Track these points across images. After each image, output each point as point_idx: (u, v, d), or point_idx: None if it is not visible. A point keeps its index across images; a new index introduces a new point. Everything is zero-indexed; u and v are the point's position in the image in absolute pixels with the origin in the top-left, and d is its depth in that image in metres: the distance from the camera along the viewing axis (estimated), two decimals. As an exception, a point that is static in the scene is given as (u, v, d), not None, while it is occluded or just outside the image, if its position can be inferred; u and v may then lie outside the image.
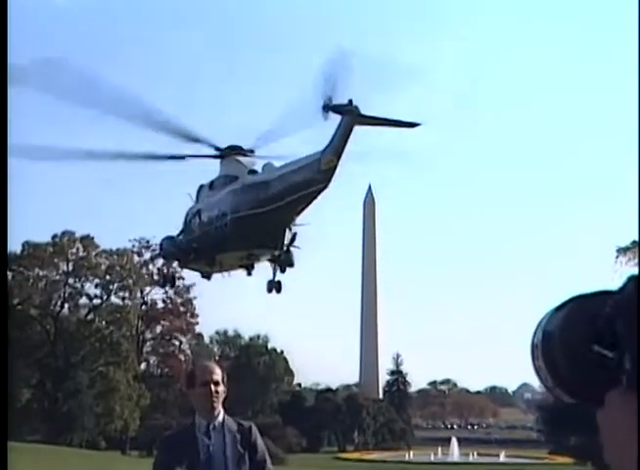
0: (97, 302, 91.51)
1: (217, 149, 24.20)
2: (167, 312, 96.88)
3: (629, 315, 1.92)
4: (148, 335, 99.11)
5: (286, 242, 22.65)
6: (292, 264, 23.46)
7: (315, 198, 21.18)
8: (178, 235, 24.89)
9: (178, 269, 27.22)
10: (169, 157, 24.02)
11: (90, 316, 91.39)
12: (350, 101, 19.96)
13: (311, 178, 20.78)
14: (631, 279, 1.99)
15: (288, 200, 21.39)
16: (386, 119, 20.84)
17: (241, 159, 24.11)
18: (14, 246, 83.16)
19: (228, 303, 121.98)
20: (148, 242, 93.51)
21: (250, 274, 24.35)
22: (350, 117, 20.05)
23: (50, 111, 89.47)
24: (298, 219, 22.72)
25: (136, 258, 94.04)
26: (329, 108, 19.94)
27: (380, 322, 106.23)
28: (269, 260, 23.69)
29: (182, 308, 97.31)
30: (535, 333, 2.09)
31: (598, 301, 2.00)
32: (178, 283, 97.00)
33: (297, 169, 21.47)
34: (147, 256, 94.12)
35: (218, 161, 24.58)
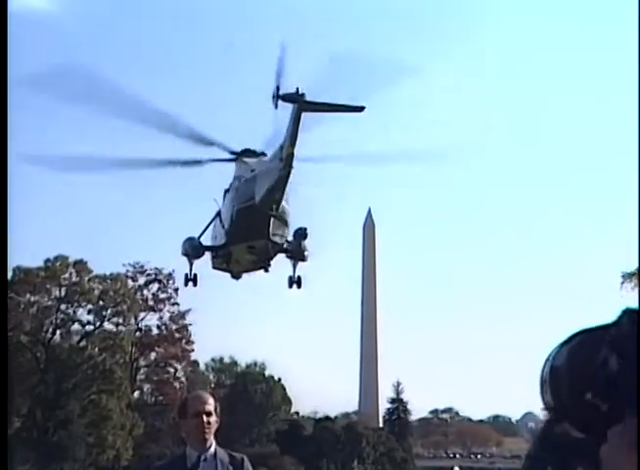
0: (90, 328, 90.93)
1: (232, 152, 26.14)
2: (162, 339, 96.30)
3: (626, 352, 2.00)
4: (142, 362, 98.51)
5: (272, 231, 24.50)
6: (304, 259, 25.53)
7: (285, 183, 23.14)
8: (199, 237, 26.81)
9: (201, 270, 28.41)
10: (187, 162, 25.90)
11: (82, 343, 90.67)
12: (297, 89, 21.44)
13: (277, 166, 23.04)
14: (626, 313, 2.08)
15: (267, 188, 23.52)
16: (332, 105, 21.90)
17: (249, 160, 25.92)
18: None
19: (224, 329, 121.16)
20: (142, 266, 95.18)
21: (267, 271, 26.20)
22: (298, 104, 21.53)
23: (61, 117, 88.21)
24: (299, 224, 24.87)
25: (130, 283, 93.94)
26: (278, 97, 21.42)
27: (380, 349, 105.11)
28: (287, 257, 25.75)
29: (177, 335, 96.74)
30: (544, 368, 2.20)
31: (601, 335, 2.08)
32: (173, 309, 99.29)
33: (270, 160, 24.02)
34: (141, 281, 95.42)
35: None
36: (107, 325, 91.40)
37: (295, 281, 26.21)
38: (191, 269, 26.81)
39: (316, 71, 21.85)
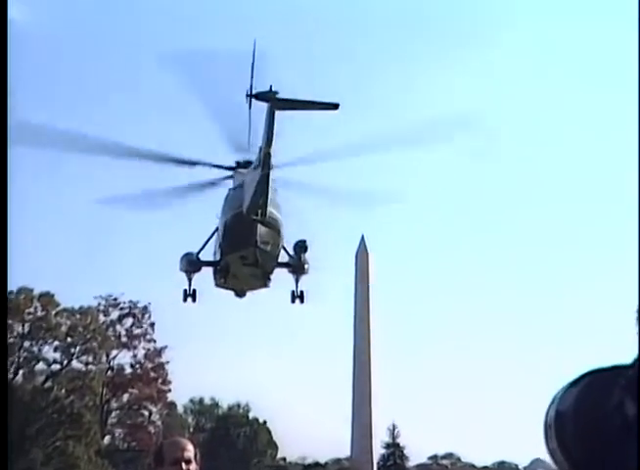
0: (56, 367, 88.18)
1: (230, 168, 27.07)
2: (136, 379, 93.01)
3: None
4: (113, 404, 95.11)
5: (260, 239, 24.93)
6: (304, 272, 26.12)
7: (266, 185, 23.60)
8: (198, 252, 27.71)
9: (202, 285, 29.34)
10: (203, 185, 26.92)
11: (48, 384, 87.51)
12: (271, 87, 22.05)
13: (256, 166, 23.90)
14: None
15: (250, 193, 24.08)
16: (306, 102, 22.61)
17: (243, 171, 26.39)
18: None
19: (204, 367, 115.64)
20: (115, 299, 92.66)
21: (267, 286, 26.92)
22: (271, 102, 22.15)
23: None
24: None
25: (102, 318, 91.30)
26: (251, 96, 22.24)
27: (374, 388, 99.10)
28: (289, 271, 26.65)
29: (153, 374, 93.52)
30: (548, 412, 2.09)
31: (611, 377, 1.99)
32: (148, 346, 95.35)
33: (255, 167, 24.44)
34: (114, 315, 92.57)
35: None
36: (75, 364, 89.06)
37: (297, 296, 26.84)
38: (190, 285, 27.31)
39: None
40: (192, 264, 27.45)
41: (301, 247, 25.60)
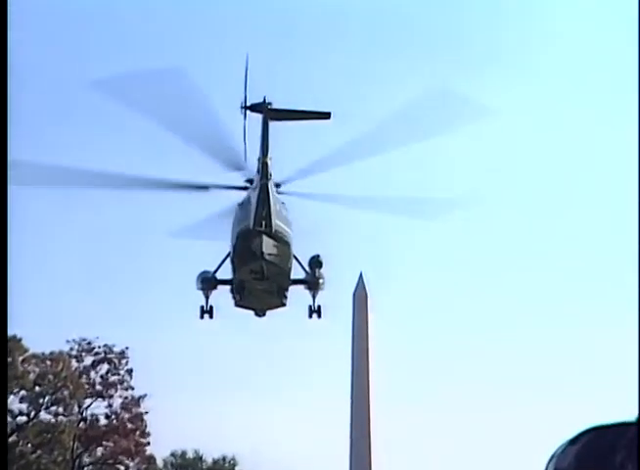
0: (22, 419, 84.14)
1: (243, 187, 27.34)
2: (111, 431, 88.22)
3: None
4: (86, 459, 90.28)
5: (266, 250, 25.62)
6: (319, 287, 27.60)
7: (267, 195, 24.65)
8: (214, 272, 28.49)
9: (218, 302, 29.78)
10: (242, 204, 27.01)
11: (13, 438, 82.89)
12: (264, 98, 24.12)
13: (256, 178, 25.58)
14: None
15: (254, 206, 25.17)
16: (298, 111, 24.30)
17: (252, 186, 27.12)
18: None
19: (187, 417, 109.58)
20: (89, 343, 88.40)
21: (284, 305, 28.07)
22: (264, 113, 24.00)
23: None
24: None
25: (74, 364, 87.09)
26: (246, 108, 24.20)
27: (373, 445, 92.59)
28: (306, 288, 28.15)
29: (130, 425, 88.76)
30: None
31: (612, 436, 1.90)
32: (126, 394, 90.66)
33: (256, 177, 26.05)
34: (88, 360, 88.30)
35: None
36: (43, 415, 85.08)
37: (314, 310, 27.98)
38: (207, 302, 27.75)
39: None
40: (207, 282, 28.25)
41: (316, 262, 26.82)
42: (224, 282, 28.06)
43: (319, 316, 28.09)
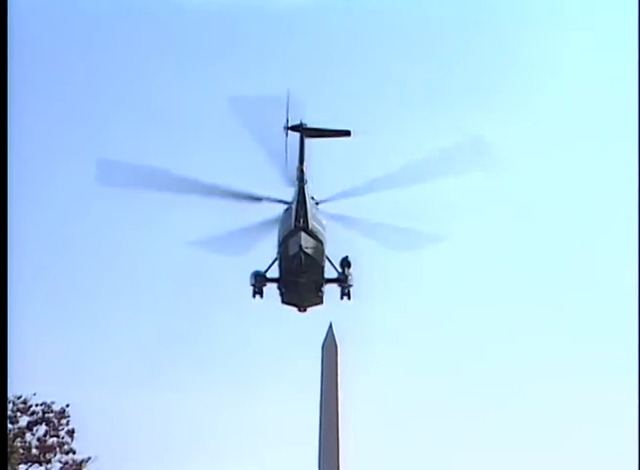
0: None
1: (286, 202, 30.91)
2: None
3: None
4: None
5: (304, 243, 29.44)
6: (349, 282, 31.02)
7: (303, 195, 28.77)
8: (265, 271, 31.42)
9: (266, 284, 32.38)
10: (247, 196, 30.46)
11: None
12: (301, 120, 28.43)
13: (295, 184, 29.24)
14: None
15: (293, 208, 29.16)
16: (324, 130, 28.95)
17: None
18: None
19: None
20: (25, 402, 78.69)
21: (321, 301, 31.61)
22: (301, 131, 28.60)
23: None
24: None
25: (8, 426, 75.11)
26: (287, 128, 28.30)
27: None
28: (338, 285, 31.15)
29: None
30: None
31: None
32: (66, 458, 78.67)
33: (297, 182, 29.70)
34: (23, 421, 76.04)
35: None
36: None
37: (345, 294, 31.06)
38: (261, 291, 31.16)
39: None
40: (256, 278, 31.17)
41: (346, 263, 30.80)
42: (273, 279, 31.63)
43: (349, 298, 31.64)
